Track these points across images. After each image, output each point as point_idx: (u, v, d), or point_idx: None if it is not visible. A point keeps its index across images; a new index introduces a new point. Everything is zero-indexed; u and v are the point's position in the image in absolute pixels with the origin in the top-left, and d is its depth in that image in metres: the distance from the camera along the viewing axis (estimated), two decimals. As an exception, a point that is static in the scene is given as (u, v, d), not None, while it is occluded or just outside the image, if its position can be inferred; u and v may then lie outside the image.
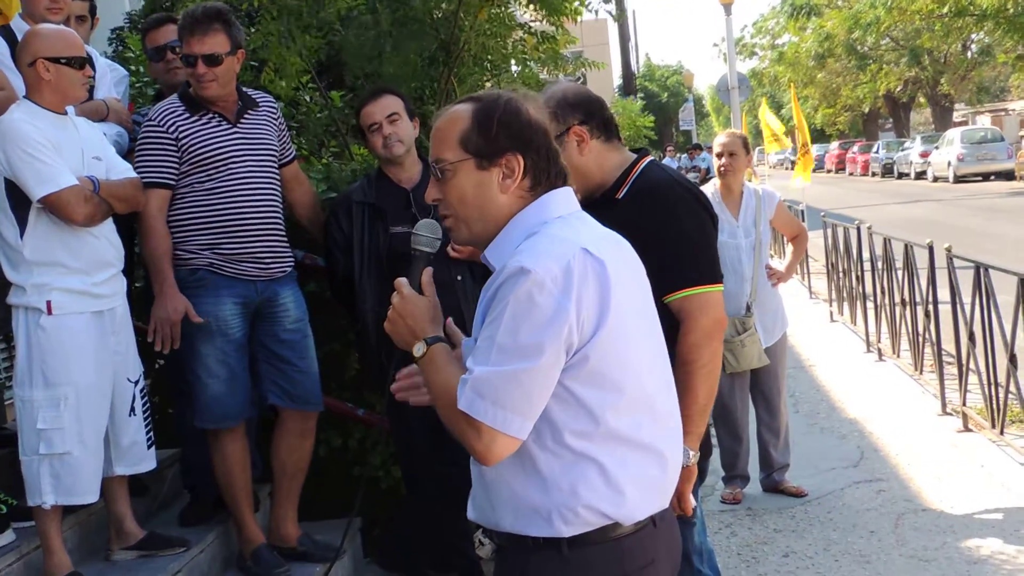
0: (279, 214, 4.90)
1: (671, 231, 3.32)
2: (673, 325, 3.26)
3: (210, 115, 4.76)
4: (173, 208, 4.72)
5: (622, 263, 2.54)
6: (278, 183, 4.93)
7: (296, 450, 4.98)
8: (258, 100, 4.98)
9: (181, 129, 4.71)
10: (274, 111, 5.04)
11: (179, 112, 4.74)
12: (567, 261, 2.40)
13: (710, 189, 6.87)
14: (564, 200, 2.62)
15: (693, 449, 3.33)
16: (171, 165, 4.69)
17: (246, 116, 4.86)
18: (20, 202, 4.17)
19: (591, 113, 3.48)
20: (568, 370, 2.42)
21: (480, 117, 2.55)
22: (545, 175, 2.59)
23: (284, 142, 5.07)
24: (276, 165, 4.94)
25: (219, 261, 4.71)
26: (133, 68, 6.85)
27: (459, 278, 4.90)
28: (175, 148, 4.69)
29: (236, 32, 4.79)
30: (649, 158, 3.55)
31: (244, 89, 4.96)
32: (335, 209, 5.12)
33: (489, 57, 7.86)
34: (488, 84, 7.94)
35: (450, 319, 2.73)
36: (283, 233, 4.92)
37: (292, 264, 5.00)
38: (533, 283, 2.37)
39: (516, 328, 2.37)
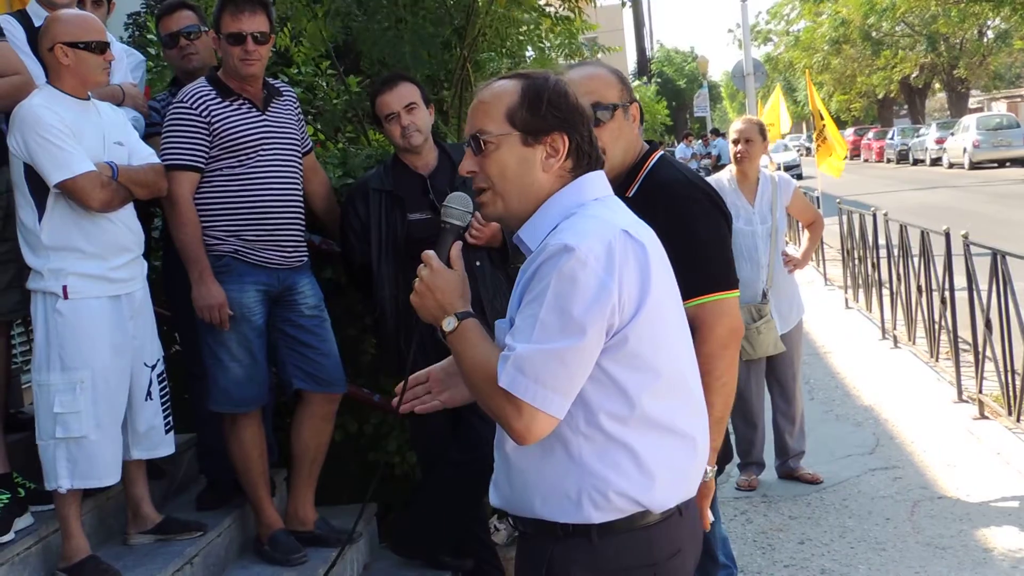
0: (301, 203, 4.90)
1: (685, 236, 3.20)
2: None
3: (241, 100, 4.75)
4: (199, 192, 4.69)
5: (656, 248, 2.53)
6: (301, 172, 4.93)
7: (319, 433, 4.98)
8: (280, 89, 4.98)
9: (214, 113, 4.68)
10: (295, 100, 5.04)
11: (211, 96, 4.71)
12: (609, 241, 2.39)
13: (726, 176, 6.85)
14: (599, 183, 2.61)
15: (710, 464, 3.20)
16: (202, 148, 4.67)
17: (272, 104, 4.85)
18: (39, 186, 4.18)
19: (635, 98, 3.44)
20: (607, 351, 2.40)
21: (530, 93, 2.53)
22: (587, 158, 2.58)
23: (303, 132, 5.07)
24: (300, 154, 4.94)
25: (244, 248, 4.70)
26: (152, 52, 6.84)
27: (478, 263, 4.89)
28: (207, 132, 4.66)
29: (272, 16, 4.81)
30: (659, 153, 3.46)
31: (266, 78, 4.95)
32: (352, 196, 5.10)
33: (507, 43, 7.84)
34: (504, 70, 7.92)
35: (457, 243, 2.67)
36: (303, 222, 4.92)
37: (308, 254, 5.00)
38: (577, 261, 2.35)
39: (560, 306, 2.35)
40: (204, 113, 4.66)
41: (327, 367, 4.91)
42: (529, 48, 8.47)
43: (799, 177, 36.56)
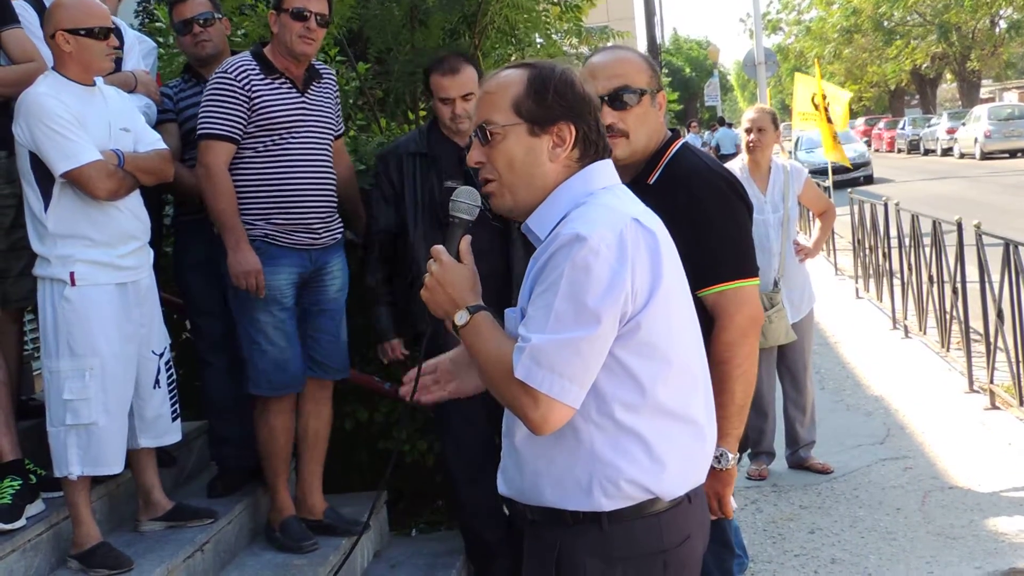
0: (333, 185, 4.87)
1: (705, 223, 3.21)
2: (706, 321, 3.08)
3: (283, 80, 4.74)
4: (232, 172, 4.67)
5: (665, 237, 2.53)
6: (332, 155, 4.91)
7: (319, 416, 4.99)
8: (321, 72, 4.95)
9: (256, 88, 4.67)
10: (334, 84, 5.03)
11: (255, 71, 4.70)
12: (620, 230, 2.39)
13: (738, 164, 6.84)
14: (607, 172, 2.60)
15: (732, 451, 3.21)
16: (240, 120, 4.65)
17: (313, 86, 4.84)
18: (45, 175, 4.17)
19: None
20: (619, 339, 2.40)
21: (536, 83, 2.52)
22: (594, 147, 2.57)
23: (339, 115, 5.06)
24: (333, 137, 4.93)
25: (274, 232, 4.69)
26: (161, 40, 6.83)
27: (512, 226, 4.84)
28: (247, 105, 4.65)
29: (332, 7, 4.84)
30: (681, 141, 3.44)
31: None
32: (384, 160, 5.03)
33: (515, 31, 7.81)
34: (513, 57, 7.90)
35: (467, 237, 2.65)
36: (335, 202, 4.89)
37: (341, 231, 4.99)
38: (589, 250, 2.34)
39: (574, 295, 2.34)
40: (246, 86, 4.65)
41: (335, 354, 4.91)
42: (537, 36, 8.43)
43: (869, 179, 32.57)
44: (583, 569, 2.49)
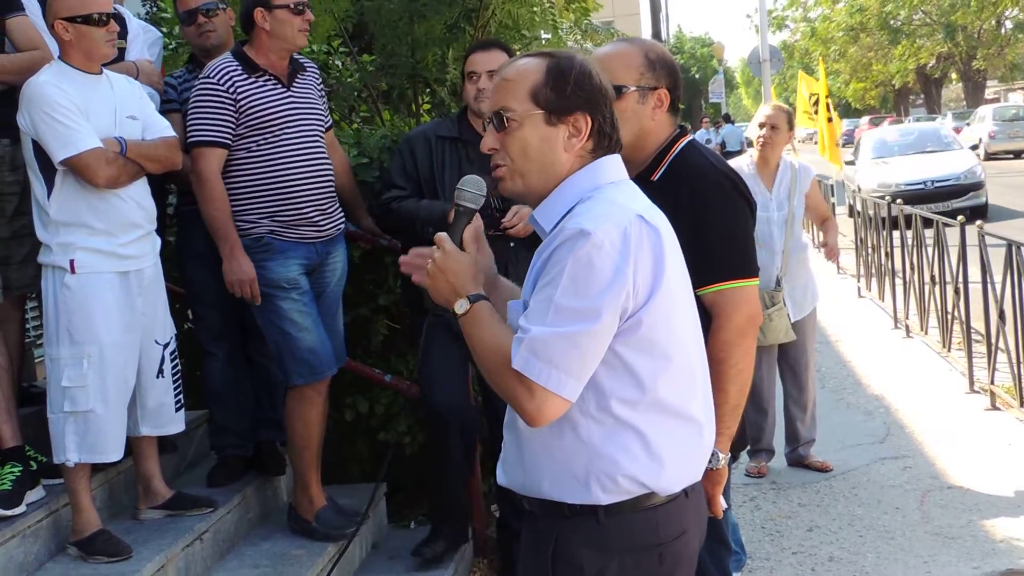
0: (330, 176, 4.85)
1: (706, 222, 3.19)
2: (705, 319, 3.02)
3: (267, 76, 4.72)
4: (228, 174, 4.67)
5: (669, 234, 2.54)
6: (325, 147, 4.89)
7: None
8: (303, 64, 4.95)
9: (240, 88, 4.65)
10: (317, 75, 5.02)
11: (238, 71, 4.68)
12: (625, 226, 2.40)
13: (746, 160, 6.82)
14: (615, 167, 2.61)
15: (723, 451, 3.21)
16: (229, 124, 4.64)
17: (297, 79, 4.83)
18: (48, 163, 4.18)
19: (676, 86, 3.37)
20: (620, 336, 2.41)
21: (555, 72, 2.53)
22: (607, 140, 2.58)
23: (325, 107, 5.05)
24: (324, 129, 4.92)
25: (279, 228, 4.68)
26: (166, 30, 6.83)
27: (512, 244, 4.84)
28: (234, 108, 4.63)
29: None
30: (687, 138, 3.42)
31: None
32: (410, 143, 5.02)
33: (518, 24, 7.80)
34: (518, 51, 7.89)
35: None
36: (334, 194, 4.88)
37: (343, 222, 4.98)
38: (593, 245, 2.36)
39: (575, 290, 2.36)
40: (231, 89, 4.63)
41: (332, 344, 4.90)
42: (542, 31, 8.42)
43: (983, 210, 19.24)
44: (579, 560, 2.51)
